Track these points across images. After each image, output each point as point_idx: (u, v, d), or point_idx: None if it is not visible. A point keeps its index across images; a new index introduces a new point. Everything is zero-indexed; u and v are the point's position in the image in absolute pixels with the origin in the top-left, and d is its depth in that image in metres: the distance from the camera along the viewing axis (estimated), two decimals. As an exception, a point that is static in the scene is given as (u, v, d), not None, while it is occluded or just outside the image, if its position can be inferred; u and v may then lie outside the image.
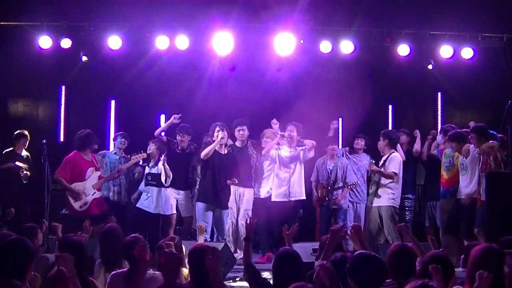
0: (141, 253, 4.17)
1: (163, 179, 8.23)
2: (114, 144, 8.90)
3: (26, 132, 8.99)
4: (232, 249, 7.83)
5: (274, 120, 8.71)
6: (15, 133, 8.98)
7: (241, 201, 8.34)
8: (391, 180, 8.33)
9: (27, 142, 8.97)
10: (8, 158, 8.79)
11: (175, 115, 8.61)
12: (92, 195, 7.94)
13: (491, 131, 7.68)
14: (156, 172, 8.31)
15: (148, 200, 8.33)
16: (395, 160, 8.32)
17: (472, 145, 7.62)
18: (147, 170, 8.46)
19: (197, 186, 8.67)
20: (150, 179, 8.35)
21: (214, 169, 8.18)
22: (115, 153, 8.75)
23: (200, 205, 8.22)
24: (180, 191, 8.55)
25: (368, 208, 8.77)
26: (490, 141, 7.40)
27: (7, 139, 9.87)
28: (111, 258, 5.05)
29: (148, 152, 8.41)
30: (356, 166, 8.95)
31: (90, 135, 8.10)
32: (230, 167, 8.28)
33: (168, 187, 8.32)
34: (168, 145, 8.56)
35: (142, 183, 8.60)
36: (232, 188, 8.33)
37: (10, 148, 8.93)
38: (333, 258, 4.37)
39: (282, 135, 8.42)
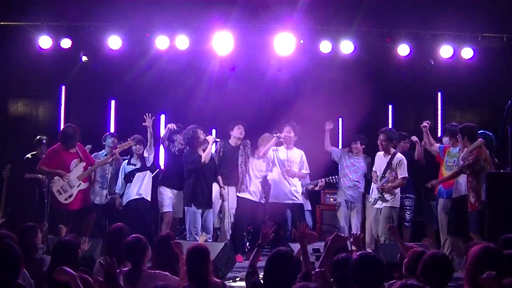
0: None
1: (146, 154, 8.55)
2: (104, 144, 8.94)
3: (44, 140, 8.70)
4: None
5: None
6: (36, 139, 8.81)
7: (226, 199, 8.41)
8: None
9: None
10: (34, 163, 8.44)
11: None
12: (78, 186, 7.83)
13: (483, 131, 7.63)
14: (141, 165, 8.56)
15: (135, 187, 8.44)
16: (403, 164, 8.20)
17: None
18: (128, 169, 8.55)
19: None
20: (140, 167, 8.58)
21: (198, 173, 8.13)
22: (105, 154, 8.73)
23: (190, 210, 8.16)
24: (174, 190, 8.57)
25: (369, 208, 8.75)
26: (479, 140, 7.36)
27: (7, 139, 9.88)
28: (113, 257, 5.03)
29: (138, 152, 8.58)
30: (353, 168, 8.95)
31: (73, 135, 7.95)
32: (210, 169, 8.25)
33: (149, 167, 8.55)
34: (168, 149, 8.66)
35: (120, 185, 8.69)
36: (215, 186, 8.38)
37: (33, 153, 8.77)
38: (336, 259, 4.38)
39: (278, 137, 8.47)
